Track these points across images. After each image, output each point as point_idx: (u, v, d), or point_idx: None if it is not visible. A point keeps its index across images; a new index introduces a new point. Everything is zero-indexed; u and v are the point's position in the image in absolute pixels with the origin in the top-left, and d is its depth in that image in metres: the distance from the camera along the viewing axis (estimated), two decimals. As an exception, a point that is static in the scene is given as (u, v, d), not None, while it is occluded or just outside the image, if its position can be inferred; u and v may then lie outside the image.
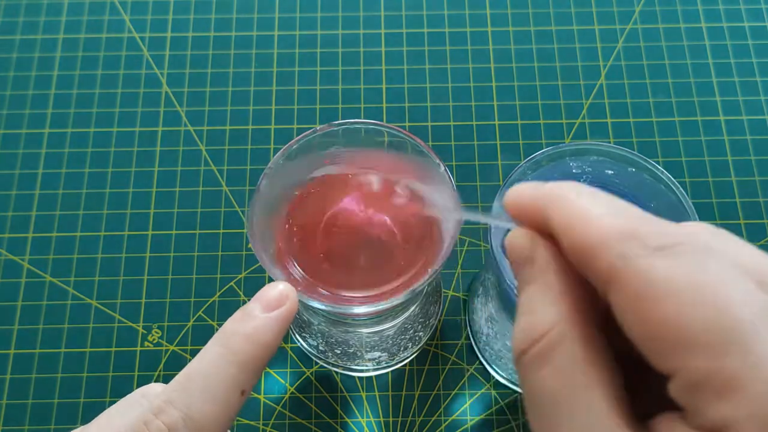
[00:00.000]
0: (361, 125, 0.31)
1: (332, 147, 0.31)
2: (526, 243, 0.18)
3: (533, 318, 0.17)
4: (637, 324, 0.15)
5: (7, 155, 0.44)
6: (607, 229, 0.16)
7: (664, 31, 0.47)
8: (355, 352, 0.37)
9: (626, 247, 0.15)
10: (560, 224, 0.17)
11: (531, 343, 0.16)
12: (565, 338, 0.16)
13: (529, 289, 0.17)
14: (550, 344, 0.16)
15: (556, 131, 0.45)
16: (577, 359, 0.16)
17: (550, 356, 0.16)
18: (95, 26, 0.48)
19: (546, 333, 0.16)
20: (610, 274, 0.15)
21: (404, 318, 0.36)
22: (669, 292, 0.14)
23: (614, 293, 0.15)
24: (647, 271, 0.15)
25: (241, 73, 0.47)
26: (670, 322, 0.14)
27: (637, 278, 0.15)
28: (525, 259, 0.18)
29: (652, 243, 0.15)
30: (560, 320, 0.16)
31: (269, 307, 0.25)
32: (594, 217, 0.16)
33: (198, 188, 0.44)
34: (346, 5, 0.49)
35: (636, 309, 0.15)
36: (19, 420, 0.38)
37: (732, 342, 0.14)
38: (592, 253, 0.16)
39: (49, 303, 0.41)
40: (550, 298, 0.17)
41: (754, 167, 0.44)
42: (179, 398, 0.22)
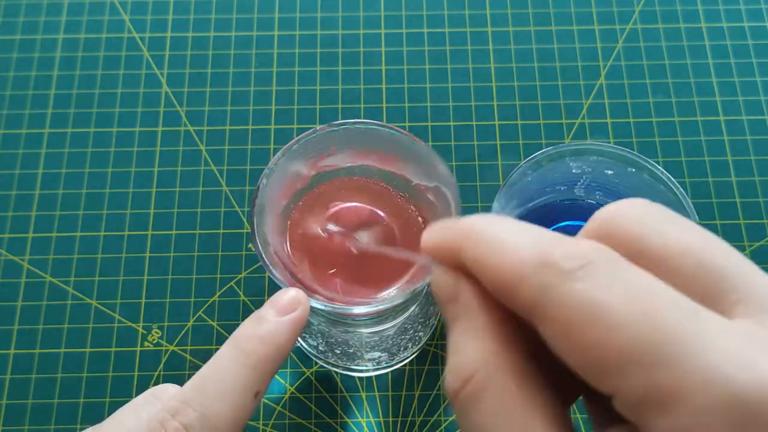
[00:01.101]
0: (361, 125, 0.31)
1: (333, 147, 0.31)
2: (447, 281, 0.17)
3: (460, 358, 0.16)
4: (568, 352, 0.15)
5: (7, 155, 0.44)
6: (520, 261, 0.15)
7: (664, 31, 0.47)
8: (355, 352, 0.37)
9: (542, 277, 0.15)
10: (475, 262, 0.17)
11: (462, 383, 0.16)
12: (495, 376, 0.16)
13: (454, 328, 0.17)
14: (481, 383, 0.16)
15: (556, 131, 0.45)
16: (510, 395, 0.16)
17: (482, 395, 0.16)
18: (95, 26, 0.48)
19: (476, 370, 0.16)
20: (532, 306, 0.15)
21: (404, 318, 0.36)
22: (592, 317, 0.14)
23: (540, 325, 0.15)
24: (567, 298, 0.14)
25: (241, 73, 0.47)
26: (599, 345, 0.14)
27: (559, 308, 0.15)
28: (449, 298, 0.17)
29: (566, 267, 0.15)
30: (488, 357, 0.16)
31: (282, 312, 0.26)
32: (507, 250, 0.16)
33: (198, 188, 0.44)
34: (346, 5, 0.49)
35: (564, 337, 0.15)
36: (19, 420, 0.38)
37: (663, 355, 0.14)
38: (511, 288, 0.16)
39: (49, 303, 0.41)
40: (476, 336, 0.16)
41: (754, 167, 0.44)
42: (195, 399, 0.23)
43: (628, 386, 0.14)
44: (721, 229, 0.42)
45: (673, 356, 0.14)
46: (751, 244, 0.42)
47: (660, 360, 0.14)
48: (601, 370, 0.14)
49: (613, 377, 0.14)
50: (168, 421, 0.22)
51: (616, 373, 0.14)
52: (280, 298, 0.26)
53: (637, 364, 0.14)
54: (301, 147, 0.30)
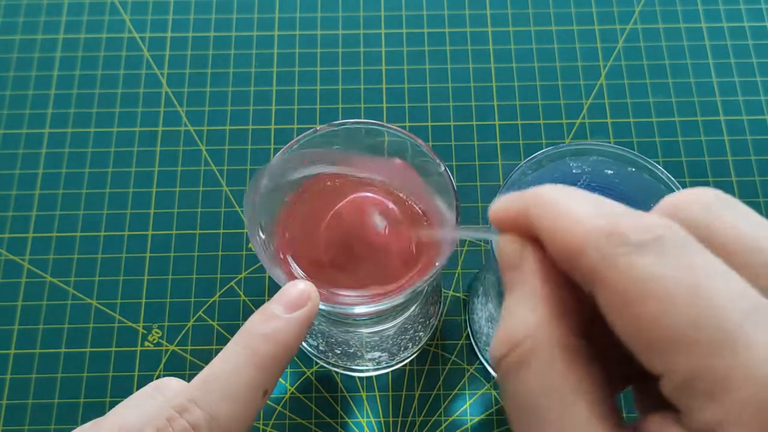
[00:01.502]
0: (362, 125, 0.31)
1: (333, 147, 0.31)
2: (513, 249, 0.18)
3: (513, 323, 0.16)
4: (623, 325, 0.15)
5: (7, 155, 0.44)
6: (588, 229, 0.15)
7: (664, 31, 0.47)
8: (356, 352, 0.37)
9: (607, 246, 0.15)
10: (542, 228, 0.17)
11: (510, 348, 0.16)
12: (544, 343, 0.16)
13: (513, 294, 0.17)
14: (529, 349, 0.16)
15: (556, 131, 0.45)
16: (556, 364, 0.15)
17: (528, 362, 0.16)
18: (95, 26, 0.48)
19: (525, 338, 0.16)
20: (594, 275, 0.15)
21: (404, 318, 0.36)
22: (653, 291, 0.14)
23: (599, 294, 0.15)
24: (630, 270, 0.14)
25: (241, 73, 0.47)
26: (656, 322, 0.14)
27: (620, 278, 0.14)
28: (512, 265, 0.17)
29: (633, 239, 0.15)
30: (540, 325, 0.16)
31: (291, 307, 0.25)
32: (574, 217, 0.16)
33: (198, 188, 0.44)
34: (346, 5, 0.49)
35: (621, 309, 0.15)
36: (19, 420, 0.38)
37: (720, 341, 0.13)
38: (576, 255, 0.15)
39: (49, 303, 0.41)
40: (532, 304, 0.16)
41: (754, 167, 0.44)
42: (202, 397, 0.22)
43: (679, 367, 0.14)
44: (721, 229, 0.42)
45: (729, 344, 0.13)
46: (751, 244, 0.42)
47: (716, 345, 0.13)
48: (654, 346, 0.14)
49: (664, 355, 0.14)
50: (175, 419, 0.22)
51: (668, 352, 0.14)
52: (288, 292, 0.25)
53: (691, 346, 0.14)
54: (302, 147, 0.30)
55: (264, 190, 0.29)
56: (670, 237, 0.15)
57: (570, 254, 0.16)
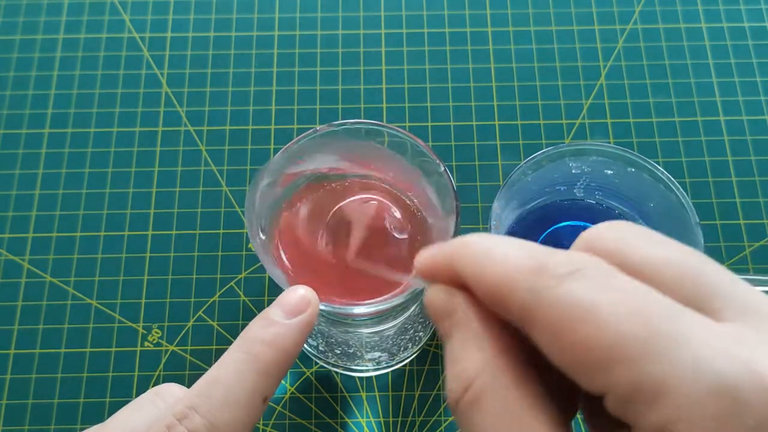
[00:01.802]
0: (362, 125, 0.31)
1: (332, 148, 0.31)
2: (443, 296, 0.18)
3: (460, 366, 0.17)
4: (560, 354, 0.15)
5: (7, 155, 0.44)
6: (514, 269, 0.16)
7: (664, 31, 0.47)
8: (355, 352, 0.37)
9: (534, 281, 0.16)
10: (468, 273, 0.17)
11: (462, 392, 0.16)
12: (495, 380, 0.16)
13: (453, 339, 0.18)
14: (481, 388, 0.16)
15: (556, 131, 0.45)
16: (510, 400, 0.16)
17: (481, 402, 0.16)
18: (95, 26, 0.48)
19: (474, 379, 0.16)
20: (523, 311, 0.16)
21: (404, 318, 0.36)
22: (581, 316, 0.15)
23: (532, 328, 0.16)
24: (558, 299, 0.15)
25: (241, 73, 0.47)
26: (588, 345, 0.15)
27: (549, 311, 0.15)
28: (444, 313, 0.18)
29: (558, 272, 0.15)
30: (487, 364, 0.16)
31: (291, 313, 0.25)
32: (500, 259, 0.17)
33: (198, 188, 0.44)
34: (346, 5, 0.49)
35: (554, 338, 0.15)
36: (19, 420, 0.38)
37: (651, 348, 0.14)
38: (503, 295, 0.16)
39: (49, 303, 0.41)
40: (474, 345, 0.17)
41: (754, 167, 0.44)
42: (202, 404, 0.22)
43: (617, 382, 0.14)
44: (721, 229, 0.42)
45: (660, 349, 0.14)
46: (751, 244, 0.42)
47: (648, 353, 0.14)
48: (590, 368, 0.15)
49: (602, 374, 0.14)
50: (175, 426, 0.22)
51: (605, 370, 0.14)
52: (288, 297, 0.25)
53: (625, 359, 0.14)
54: (302, 147, 0.30)
55: (264, 191, 0.29)
56: (591, 266, 0.16)
57: (499, 295, 0.16)
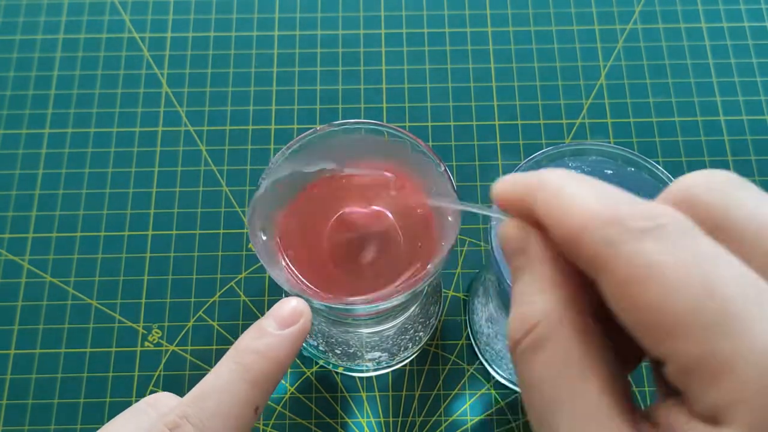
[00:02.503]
0: (361, 125, 0.31)
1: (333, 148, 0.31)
2: (517, 233, 0.18)
3: (525, 308, 0.16)
4: (626, 310, 0.15)
5: (7, 155, 0.44)
6: (590, 216, 0.15)
7: (664, 31, 0.47)
8: (356, 352, 0.37)
9: (610, 232, 0.15)
10: (546, 214, 0.17)
11: (524, 333, 0.16)
12: (557, 327, 0.16)
13: (521, 279, 0.17)
14: (543, 334, 0.16)
15: (556, 131, 0.45)
16: (570, 348, 0.16)
17: (542, 346, 0.16)
18: (95, 26, 0.48)
19: (538, 323, 0.16)
20: (596, 261, 0.15)
21: (404, 318, 0.36)
22: (655, 276, 0.14)
23: (602, 280, 0.15)
24: (632, 256, 0.14)
25: (241, 73, 0.47)
26: (658, 307, 0.14)
27: (622, 264, 0.15)
28: (517, 250, 0.18)
29: (636, 226, 0.15)
30: (552, 309, 0.16)
31: (284, 324, 0.25)
32: (577, 204, 0.16)
33: (198, 188, 0.44)
34: (346, 5, 0.49)
35: (624, 295, 0.15)
36: (19, 420, 0.38)
37: (721, 324, 0.13)
38: (578, 241, 0.16)
39: (49, 303, 0.41)
40: (542, 288, 0.17)
41: (754, 167, 0.44)
42: (195, 414, 0.22)
43: (681, 352, 0.14)
44: (721, 229, 0.42)
45: (731, 327, 0.13)
46: (751, 244, 0.42)
47: (718, 329, 0.13)
48: (656, 332, 0.14)
49: (666, 341, 0.14)
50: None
51: (670, 337, 0.14)
52: (281, 308, 0.26)
53: (693, 330, 0.14)
54: (302, 147, 0.30)
55: (265, 191, 0.29)
56: (672, 225, 0.15)
57: (572, 241, 0.16)
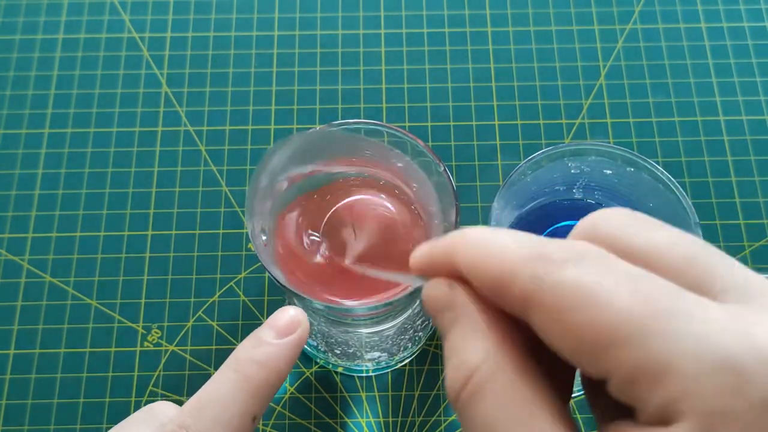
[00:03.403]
0: (361, 125, 0.31)
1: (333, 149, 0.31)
2: (441, 290, 0.18)
3: (461, 357, 0.17)
4: (561, 337, 0.15)
5: (7, 155, 0.44)
6: (514, 257, 0.16)
7: (663, 31, 0.47)
8: (355, 352, 0.37)
9: (536, 267, 0.16)
10: (467, 264, 0.17)
11: (463, 383, 0.16)
12: (498, 370, 0.16)
13: (453, 331, 0.18)
14: (483, 378, 0.16)
15: (556, 131, 0.45)
16: (513, 389, 0.16)
17: (485, 389, 0.16)
18: (95, 26, 0.48)
19: (477, 368, 0.16)
20: (524, 298, 0.16)
21: (404, 318, 0.36)
22: (583, 298, 0.15)
23: (534, 315, 0.16)
24: (559, 285, 0.15)
25: (241, 73, 0.47)
26: (594, 323, 0.15)
27: (551, 295, 0.15)
28: (444, 306, 0.18)
29: (559, 258, 0.16)
30: (489, 352, 0.16)
31: (281, 333, 0.25)
32: (499, 249, 0.17)
33: (198, 188, 0.44)
34: (346, 5, 0.49)
35: (556, 325, 0.15)
36: (19, 420, 0.38)
37: (651, 330, 0.14)
38: (504, 284, 0.16)
39: (49, 303, 0.41)
40: (474, 336, 0.17)
41: (754, 167, 0.44)
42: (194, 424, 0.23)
43: (620, 364, 0.14)
44: (721, 229, 0.42)
45: (663, 329, 0.14)
46: (751, 244, 0.42)
47: (650, 333, 0.14)
48: (593, 351, 0.15)
49: (605, 357, 0.15)
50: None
51: (608, 352, 0.14)
52: (278, 318, 0.26)
53: (627, 340, 0.14)
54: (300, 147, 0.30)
55: (264, 192, 0.29)
56: (590, 252, 0.16)
57: (500, 284, 0.16)
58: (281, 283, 0.28)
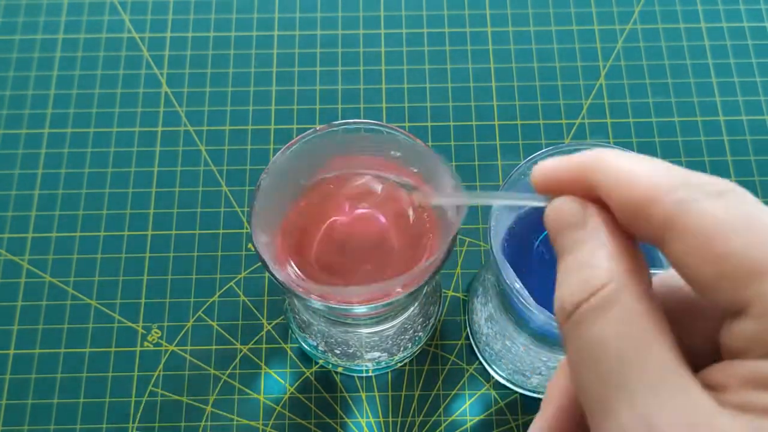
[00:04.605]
0: (361, 125, 0.31)
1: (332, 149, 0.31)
2: (573, 207, 0.18)
3: (589, 272, 0.17)
4: (706, 263, 0.15)
5: (7, 155, 0.44)
6: (658, 182, 0.16)
7: (663, 31, 0.47)
8: (355, 352, 0.37)
9: (686, 193, 0.16)
10: (608, 185, 0.17)
11: (588, 295, 0.16)
12: (625, 290, 0.16)
13: (582, 248, 0.17)
14: (610, 295, 0.16)
15: (556, 131, 0.45)
16: (638, 310, 0.16)
17: (609, 306, 0.16)
18: (95, 26, 0.48)
19: (604, 285, 0.16)
20: (667, 222, 0.16)
21: (404, 318, 0.36)
22: (735, 228, 0.15)
23: (674, 240, 0.16)
24: (709, 211, 0.15)
25: (241, 73, 0.47)
26: (744, 253, 0.15)
27: (700, 219, 0.15)
28: (573, 224, 0.18)
29: (707, 189, 0.16)
30: (620, 272, 0.16)
31: None
32: (642, 173, 0.17)
33: (198, 188, 0.44)
34: (346, 5, 0.49)
35: (703, 248, 0.15)
36: (19, 420, 0.38)
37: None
38: (648, 204, 0.16)
39: (49, 303, 0.41)
40: (607, 254, 0.17)
41: (754, 167, 0.44)
42: None
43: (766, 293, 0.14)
44: (720, 229, 0.42)
45: None
46: (750, 244, 0.42)
47: None
48: (740, 277, 0.15)
49: (753, 284, 0.15)
50: None
51: (755, 281, 0.15)
52: None
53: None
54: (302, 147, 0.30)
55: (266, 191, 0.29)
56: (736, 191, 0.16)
57: (639, 205, 0.16)
58: (281, 283, 0.28)
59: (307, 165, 0.31)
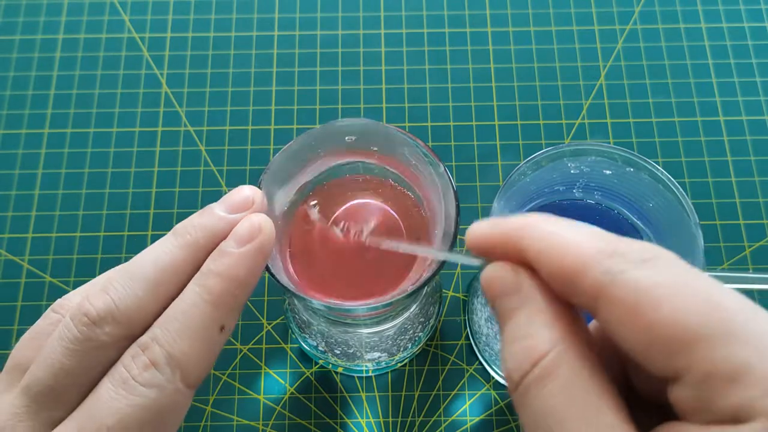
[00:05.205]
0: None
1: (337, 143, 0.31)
2: (507, 274, 0.18)
3: (529, 342, 0.17)
4: (636, 332, 0.15)
5: (7, 155, 0.44)
6: (585, 251, 0.16)
7: (663, 31, 0.47)
8: (355, 352, 0.37)
9: (610, 263, 0.16)
10: (538, 252, 0.17)
11: (531, 365, 0.16)
12: (565, 358, 0.16)
13: (518, 317, 0.18)
14: (552, 363, 0.16)
15: (556, 131, 0.45)
16: (581, 379, 0.16)
17: (553, 375, 0.16)
18: (95, 26, 0.48)
19: (546, 353, 0.16)
20: (597, 291, 0.16)
21: (404, 318, 0.36)
22: (665, 296, 0.15)
23: (605, 309, 0.16)
24: (636, 281, 0.15)
25: (241, 73, 0.47)
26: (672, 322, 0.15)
27: (627, 289, 0.15)
28: (508, 290, 0.18)
29: (635, 257, 0.16)
30: (558, 341, 0.17)
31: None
32: (571, 241, 0.17)
33: (198, 188, 0.44)
34: (346, 5, 0.49)
35: (632, 321, 0.15)
36: (19, 420, 0.38)
37: (731, 331, 0.15)
38: (576, 275, 0.16)
39: (49, 303, 0.41)
40: (544, 321, 0.17)
41: (754, 167, 0.44)
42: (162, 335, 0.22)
43: (699, 360, 0.15)
44: (721, 229, 0.42)
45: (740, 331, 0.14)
46: (750, 245, 0.42)
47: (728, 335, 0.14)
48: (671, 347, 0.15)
49: (683, 353, 0.15)
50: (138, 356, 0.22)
51: (686, 349, 0.15)
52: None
53: (706, 339, 0.14)
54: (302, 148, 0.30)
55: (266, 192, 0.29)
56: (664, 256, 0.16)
57: (569, 274, 0.16)
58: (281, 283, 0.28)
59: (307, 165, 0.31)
